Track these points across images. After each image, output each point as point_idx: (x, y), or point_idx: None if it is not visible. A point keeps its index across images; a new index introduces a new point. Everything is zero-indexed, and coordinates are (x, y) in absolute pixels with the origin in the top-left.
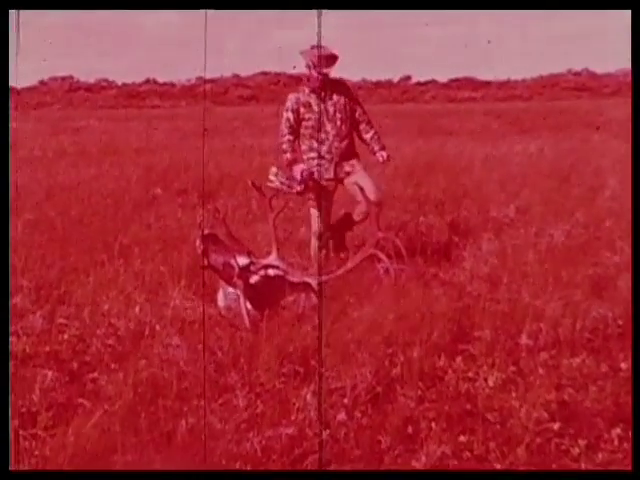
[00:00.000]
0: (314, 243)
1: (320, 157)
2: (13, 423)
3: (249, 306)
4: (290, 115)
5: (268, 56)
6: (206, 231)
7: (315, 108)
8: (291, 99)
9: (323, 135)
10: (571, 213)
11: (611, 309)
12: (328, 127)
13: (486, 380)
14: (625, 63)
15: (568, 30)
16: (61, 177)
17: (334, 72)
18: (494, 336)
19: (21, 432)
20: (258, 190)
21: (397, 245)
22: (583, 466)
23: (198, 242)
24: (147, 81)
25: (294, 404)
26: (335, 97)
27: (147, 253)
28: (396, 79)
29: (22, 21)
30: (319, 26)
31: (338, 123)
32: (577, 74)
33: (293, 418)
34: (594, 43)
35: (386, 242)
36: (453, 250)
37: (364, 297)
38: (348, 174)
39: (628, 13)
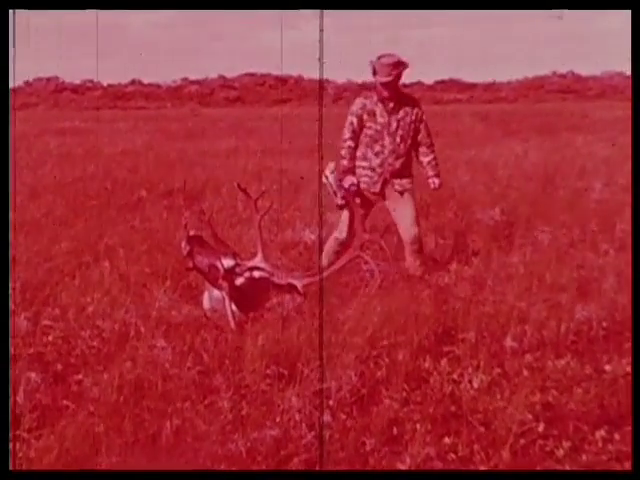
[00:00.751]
0: (330, 246)
1: (371, 169)
2: None
3: (234, 308)
4: (354, 120)
5: (254, 57)
6: (191, 233)
7: (379, 119)
8: (357, 104)
9: (379, 148)
10: (556, 215)
11: (596, 311)
12: (386, 141)
13: (471, 382)
14: (609, 66)
15: (553, 32)
16: (46, 178)
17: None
18: (479, 338)
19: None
20: (244, 192)
21: (382, 247)
22: (567, 467)
23: (183, 244)
24: (133, 82)
25: (279, 406)
26: (402, 113)
27: (132, 255)
28: None
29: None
30: (321, 27)
31: (398, 140)
32: (562, 76)
33: (278, 420)
34: (579, 46)
35: (372, 244)
36: (438, 252)
37: (349, 299)
38: (400, 193)
39: (613, 15)
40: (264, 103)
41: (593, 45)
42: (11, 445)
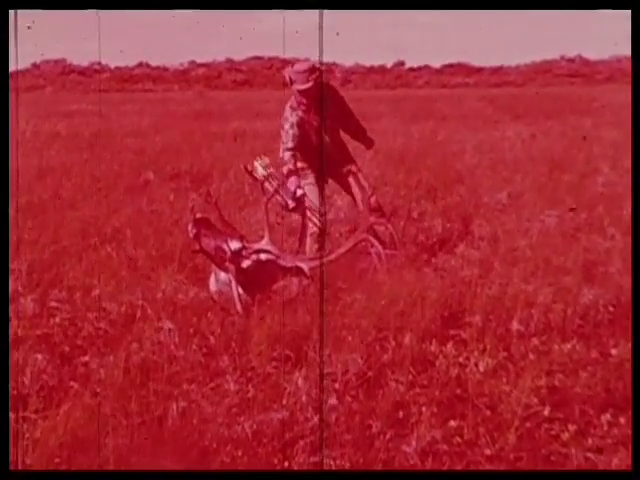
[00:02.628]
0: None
1: (319, 170)
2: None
3: (241, 290)
4: (296, 131)
5: (262, 40)
6: (198, 215)
7: (314, 123)
8: (294, 116)
9: (323, 147)
10: (563, 199)
11: (602, 295)
12: (326, 139)
13: (477, 365)
14: (618, 50)
15: (561, 16)
16: (53, 160)
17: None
18: (485, 322)
19: (12, 415)
20: (250, 174)
21: (389, 230)
22: (573, 451)
23: (190, 226)
24: (140, 65)
25: (285, 388)
26: (329, 107)
27: (139, 237)
28: (389, 64)
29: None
30: (320, 26)
31: (334, 133)
32: (570, 60)
33: (284, 402)
34: (587, 29)
35: (378, 227)
36: (445, 235)
37: (356, 282)
38: (353, 174)
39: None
40: (271, 86)
41: (601, 29)
42: (17, 426)
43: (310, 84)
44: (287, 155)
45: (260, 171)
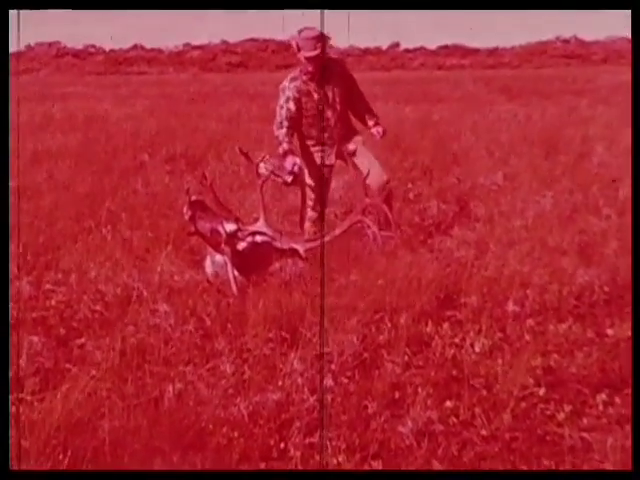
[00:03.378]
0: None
1: (321, 144)
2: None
3: (236, 272)
4: (292, 106)
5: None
6: (193, 197)
7: (315, 96)
8: (290, 89)
9: (325, 122)
10: (558, 180)
11: (597, 276)
12: (329, 114)
13: (472, 346)
14: (613, 31)
15: None
16: (48, 143)
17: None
18: (481, 302)
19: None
20: (246, 156)
21: (385, 212)
22: (568, 431)
23: (185, 208)
24: (134, 47)
25: (281, 370)
26: (333, 81)
27: (134, 219)
28: (385, 46)
29: None
30: (322, 25)
31: (338, 108)
32: (566, 41)
33: (280, 384)
34: (583, 11)
35: (374, 209)
36: (440, 217)
37: (351, 263)
38: (354, 153)
39: None
40: (266, 68)
41: (597, 10)
42: (14, 408)
43: (318, 51)
44: (282, 133)
45: (265, 170)
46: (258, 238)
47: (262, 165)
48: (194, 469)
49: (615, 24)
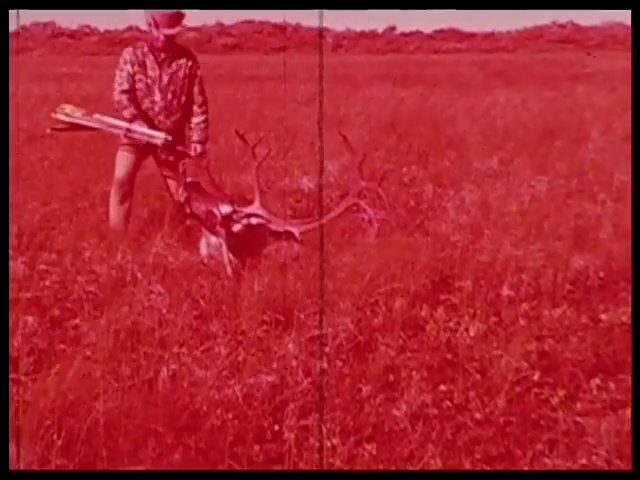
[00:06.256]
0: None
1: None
2: None
3: (231, 255)
4: (130, 69)
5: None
6: (189, 179)
7: (150, 72)
8: (129, 53)
9: (148, 104)
10: (553, 165)
11: (592, 261)
12: (157, 97)
13: (467, 330)
14: (609, 16)
15: None
16: (43, 123)
17: None
18: (476, 287)
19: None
20: (241, 138)
21: (380, 195)
22: (562, 415)
23: (181, 190)
24: (130, 28)
25: (275, 352)
26: (174, 66)
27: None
28: (381, 30)
29: None
30: (320, 25)
31: (169, 96)
32: (562, 26)
33: (274, 366)
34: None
35: (369, 192)
36: (436, 201)
37: (346, 246)
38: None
39: None
40: (262, 51)
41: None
42: (10, 386)
43: (177, 29)
44: (124, 98)
45: (64, 117)
46: (253, 220)
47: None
48: (188, 450)
49: (611, 10)
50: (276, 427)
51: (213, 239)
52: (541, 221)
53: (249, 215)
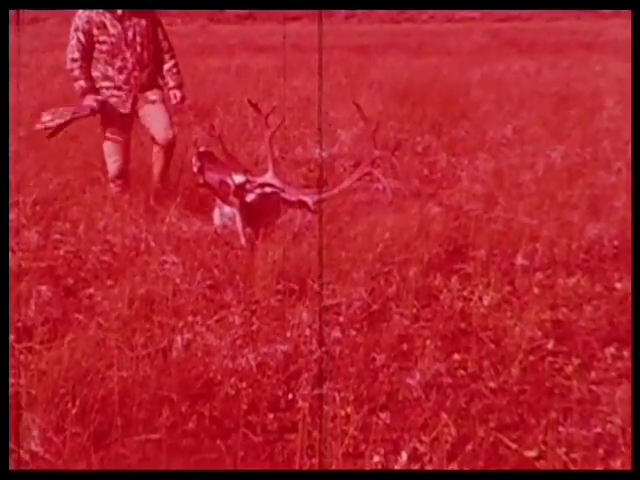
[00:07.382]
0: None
1: (117, 88)
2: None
3: (245, 224)
4: (81, 36)
5: None
6: (202, 149)
7: (111, 30)
8: (81, 17)
9: (120, 63)
10: (568, 133)
11: (607, 230)
12: (127, 54)
13: (481, 299)
14: None
15: None
16: (56, 93)
17: None
18: (490, 256)
19: (17, 346)
20: (254, 107)
21: (394, 164)
22: (576, 384)
23: (194, 160)
24: None
25: (289, 321)
26: (135, 19)
27: (142, 171)
28: None
29: None
30: (320, 25)
31: (139, 49)
32: None
33: (288, 335)
34: None
35: (383, 161)
36: (450, 170)
37: (360, 216)
38: (152, 102)
39: None
40: (275, 20)
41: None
42: (23, 357)
43: None
44: (75, 67)
45: (52, 120)
46: (267, 189)
47: (46, 116)
48: (202, 419)
49: None
50: (290, 396)
51: (227, 209)
52: (555, 190)
53: (262, 185)
